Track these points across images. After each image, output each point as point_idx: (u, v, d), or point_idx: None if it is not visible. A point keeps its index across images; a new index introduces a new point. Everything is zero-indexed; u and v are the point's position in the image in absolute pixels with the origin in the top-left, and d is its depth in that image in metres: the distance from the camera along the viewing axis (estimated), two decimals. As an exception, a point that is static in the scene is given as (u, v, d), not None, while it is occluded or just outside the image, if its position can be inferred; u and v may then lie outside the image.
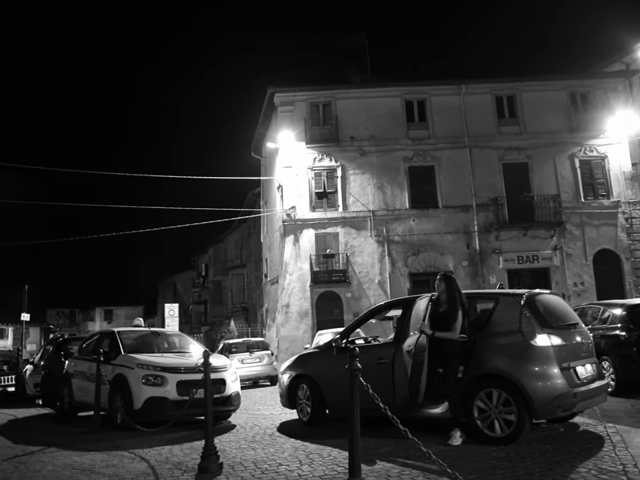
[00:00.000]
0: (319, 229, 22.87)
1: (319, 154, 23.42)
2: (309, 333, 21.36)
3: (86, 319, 57.68)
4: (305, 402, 7.53)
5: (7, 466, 5.43)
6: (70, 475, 5.06)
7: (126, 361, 7.92)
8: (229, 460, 5.50)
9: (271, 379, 16.76)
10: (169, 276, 54.79)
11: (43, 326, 41.74)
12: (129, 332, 9.43)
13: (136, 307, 56.59)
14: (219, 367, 7.92)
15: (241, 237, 37.95)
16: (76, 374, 9.19)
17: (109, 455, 5.92)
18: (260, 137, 27.87)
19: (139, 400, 7.35)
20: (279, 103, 24.06)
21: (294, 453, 5.80)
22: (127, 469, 5.29)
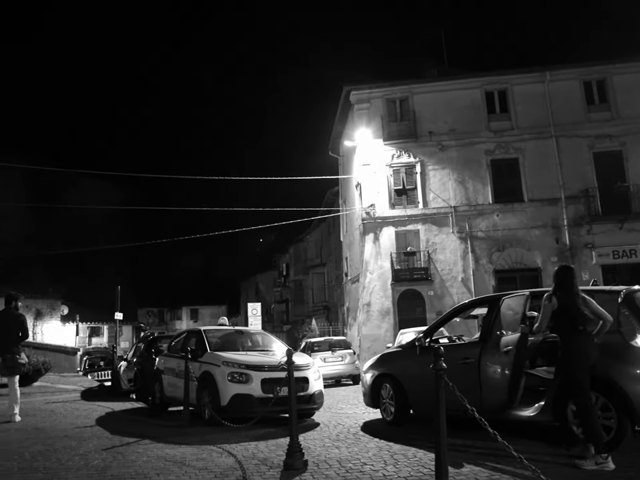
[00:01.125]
0: (399, 227, 22.59)
1: (397, 150, 23.15)
2: (390, 331, 21.16)
3: (173, 318, 60.25)
4: (388, 401, 7.44)
5: (107, 455, 5.73)
6: (163, 467, 5.24)
7: (212, 359, 8.14)
8: (313, 458, 5.52)
9: (353, 377, 16.74)
10: (251, 276, 56.14)
11: (134, 324, 44.18)
12: (215, 330, 9.69)
13: (220, 306, 58.41)
14: (302, 366, 7.98)
15: (320, 236, 38.25)
16: (166, 370, 9.55)
17: (199, 448, 6.10)
18: (337, 135, 27.95)
19: (225, 397, 7.53)
20: (354, 100, 24.01)
21: (378, 452, 5.72)
22: (215, 462, 5.42)
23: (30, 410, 9.49)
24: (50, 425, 7.89)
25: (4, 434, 7.04)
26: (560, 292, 5.09)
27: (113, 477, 4.84)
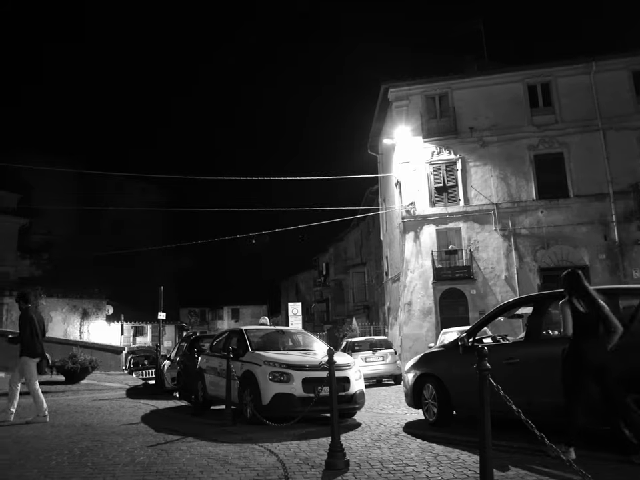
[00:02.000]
0: (440, 225, 22.30)
1: (437, 147, 22.86)
2: (432, 331, 20.91)
3: (215, 318, 61.11)
4: (430, 402, 7.33)
5: (152, 452, 5.83)
6: (206, 464, 5.30)
7: (253, 358, 8.19)
8: (355, 458, 5.48)
9: (394, 377, 16.61)
10: (291, 275, 56.46)
11: (177, 324, 45.03)
12: (256, 330, 9.74)
13: (260, 305, 58.93)
14: (343, 365, 7.95)
15: (360, 235, 38.14)
16: (208, 369, 9.65)
17: (241, 447, 6.14)
18: (376, 133, 27.80)
19: (266, 396, 7.57)
20: (393, 98, 23.82)
21: (421, 453, 5.64)
22: (257, 461, 5.44)
23: (78, 407, 9.77)
24: (97, 421, 8.11)
25: (55, 429, 7.27)
26: (574, 296, 5.20)
27: (158, 474, 4.92)
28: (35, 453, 5.70)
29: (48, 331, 8.69)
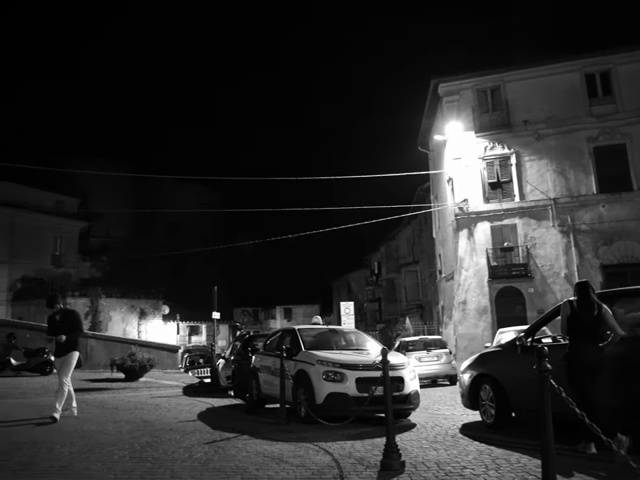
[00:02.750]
0: (495, 221, 21.75)
1: (489, 142, 22.31)
2: (488, 330, 20.42)
3: (268, 317, 61.81)
4: (488, 403, 7.14)
5: (208, 449, 5.94)
6: (262, 462, 5.34)
7: (307, 357, 8.20)
8: (410, 459, 5.40)
9: (450, 378, 16.32)
10: (342, 274, 56.48)
11: (230, 323, 45.85)
12: (309, 329, 9.75)
13: (313, 305, 59.21)
14: (397, 365, 7.85)
15: (412, 233, 37.72)
16: (262, 368, 9.72)
17: (296, 445, 6.17)
18: (426, 129, 27.41)
19: (320, 395, 7.57)
20: (443, 93, 23.42)
21: (479, 456, 5.50)
22: (312, 460, 5.45)
23: (138, 404, 10.08)
24: (156, 418, 8.33)
25: (116, 425, 7.53)
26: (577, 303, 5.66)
27: (215, 470, 5.00)
28: (99, 447, 5.92)
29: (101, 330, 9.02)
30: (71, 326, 8.15)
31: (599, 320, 5.45)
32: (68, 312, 8.47)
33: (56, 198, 40.83)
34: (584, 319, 5.51)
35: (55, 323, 8.19)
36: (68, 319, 8.22)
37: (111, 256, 44.55)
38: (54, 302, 8.30)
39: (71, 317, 8.33)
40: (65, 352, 8.05)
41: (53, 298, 8.45)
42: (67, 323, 8.16)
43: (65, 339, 7.93)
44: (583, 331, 5.50)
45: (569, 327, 5.66)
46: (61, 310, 8.31)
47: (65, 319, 8.20)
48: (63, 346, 8.02)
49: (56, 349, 8.19)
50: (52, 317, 8.29)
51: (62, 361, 8.08)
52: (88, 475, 4.76)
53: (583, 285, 5.81)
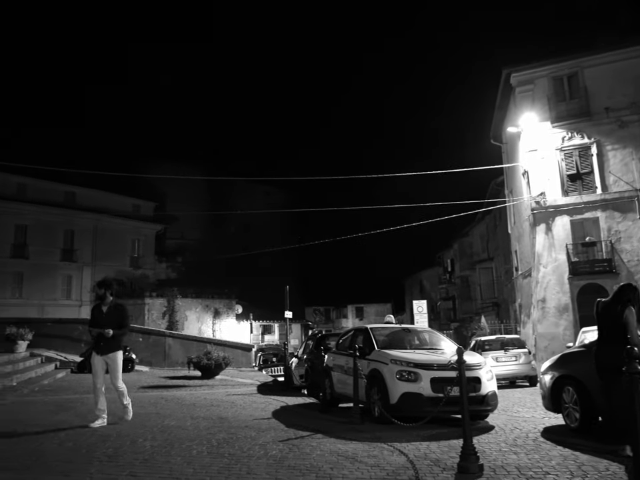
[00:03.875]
0: (574, 215, 20.70)
1: (567, 132, 21.26)
2: (570, 329, 19.46)
3: (339, 316, 61.98)
4: (571, 406, 6.78)
5: (283, 447, 6.00)
6: (336, 461, 5.33)
7: (380, 357, 8.12)
8: (489, 462, 5.22)
9: (529, 378, 15.69)
10: (414, 273, 55.77)
11: (302, 323, 46.35)
12: (381, 328, 9.66)
13: (385, 304, 58.84)
14: (473, 365, 7.63)
15: (486, 229, 36.65)
16: (335, 367, 9.72)
17: (370, 445, 6.11)
18: (498, 122, 26.52)
19: (394, 395, 7.47)
20: (516, 83, 22.55)
21: (562, 462, 5.22)
22: (387, 460, 5.38)
23: (214, 401, 10.35)
24: (232, 415, 8.52)
25: (194, 421, 7.76)
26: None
27: (290, 468, 5.04)
28: (178, 442, 6.12)
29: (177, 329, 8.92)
30: (118, 321, 7.26)
31: (620, 320, 5.43)
32: (117, 305, 7.44)
33: (133, 202, 42.89)
34: (605, 320, 5.64)
35: (100, 314, 7.26)
36: (116, 313, 7.31)
37: (185, 257, 46.26)
38: (105, 290, 7.35)
39: (120, 311, 7.39)
40: (110, 350, 7.18)
41: (105, 284, 7.48)
42: (114, 316, 7.26)
43: (112, 335, 7.07)
44: (606, 331, 5.62)
45: (598, 327, 5.79)
46: (111, 301, 7.37)
47: (113, 313, 7.29)
48: (108, 342, 7.14)
49: (97, 344, 7.21)
50: (97, 307, 7.39)
51: (106, 362, 7.20)
52: (169, 469, 4.92)
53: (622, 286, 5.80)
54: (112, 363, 7.20)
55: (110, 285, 7.47)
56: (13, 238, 35.69)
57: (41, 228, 36.31)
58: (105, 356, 7.17)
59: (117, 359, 7.25)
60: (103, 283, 7.47)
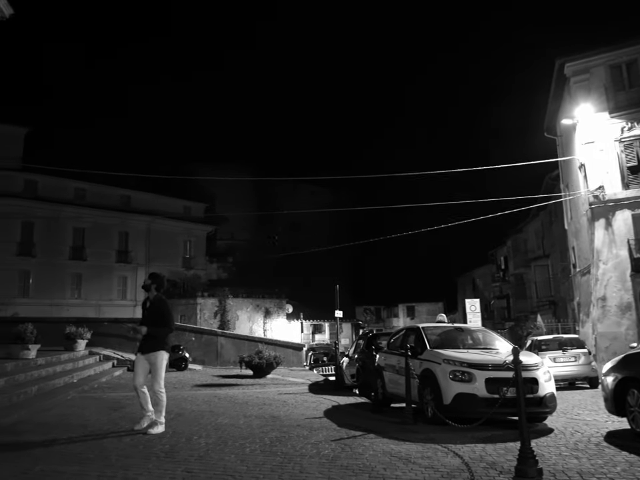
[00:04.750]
0: (637, 209, 19.75)
1: (627, 122, 20.30)
2: (633, 329, 18.59)
3: (390, 315, 61.49)
4: (637, 410, 6.46)
5: (335, 446, 5.99)
6: (389, 461, 5.29)
7: (432, 356, 8.01)
8: (548, 466, 5.04)
9: (589, 380, 15.08)
10: (467, 271, 54.75)
11: (353, 322, 46.21)
12: (433, 327, 9.56)
13: (436, 303, 58.02)
14: (529, 365, 7.41)
15: (541, 226, 35.52)
16: (386, 367, 9.66)
17: (423, 446, 6.02)
18: (552, 114, 25.63)
19: (447, 395, 7.34)
20: (570, 73, 21.71)
21: (629, 468, 4.98)
22: (441, 462, 5.29)
23: (266, 400, 10.44)
24: (284, 414, 8.56)
25: (247, 419, 7.84)
26: None
27: (343, 467, 5.02)
28: (231, 440, 6.20)
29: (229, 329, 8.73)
30: (157, 318, 6.65)
31: None
32: (158, 301, 6.77)
33: (184, 204, 43.96)
34: None
35: (143, 310, 6.84)
36: (156, 309, 6.70)
37: (236, 257, 47.03)
38: (152, 282, 6.83)
39: (160, 307, 6.72)
40: (150, 349, 6.59)
41: (154, 276, 6.95)
42: (154, 313, 6.69)
43: (146, 333, 6.53)
44: None
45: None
46: (154, 296, 6.79)
47: (154, 309, 6.71)
48: (148, 341, 6.59)
49: (140, 342, 6.74)
50: (144, 302, 6.92)
51: (146, 361, 6.63)
52: (223, 466, 4.99)
53: None
54: (152, 363, 6.59)
55: (158, 278, 6.85)
56: (71, 241, 37.27)
57: (98, 231, 37.77)
58: (145, 355, 6.61)
59: (158, 360, 6.57)
60: (153, 275, 6.93)
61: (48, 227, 35.92)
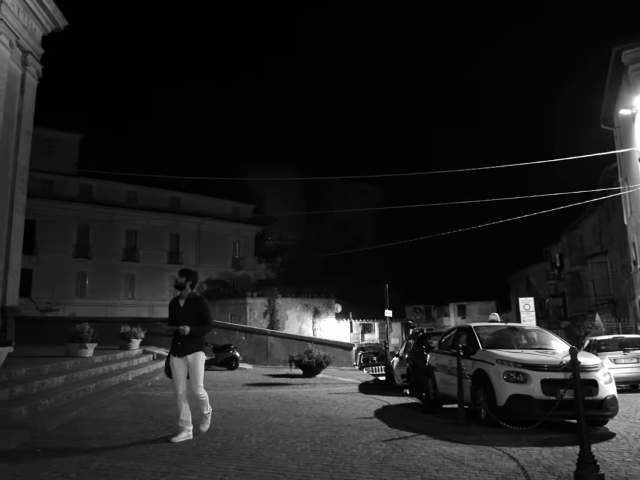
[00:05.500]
0: (702, 202, 18.74)
1: (691, 111, 19.29)
2: (699, 328, 17.64)
3: (441, 315, 60.61)
4: None
5: (386, 447, 5.92)
6: (441, 463, 5.20)
7: (485, 356, 7.84)
8: (610, 473, 4.83)
9: (654, 383, 14.38)
10: (520, 269, 53.35)
11: (402, 321, 45.76)
12: (486, 327, 9.35)
13: (488, 302, 56.82)
14: (588, 367, 7.12)
15: (598, 221, 34.18)
16: (437, 367, 9.52)
17: (477, 449, 5.89)
18: (609, 104, 24.62)
19: (501, 397, 7.15)
20: (628, 61, 20.78)
21: (700, 475, 4.70)
22: (495, 465, 5.16)
23: (316, 399, 10.46)
24: (334, 413, 8.54)
25: (297, 418, 7.86)
26: None
27: (394, 468, 4.97)
28: (282, 439, 6.24)
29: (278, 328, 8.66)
30: (197, 316, 6.21)
31: None
32: (196, 298, 6.37)
33: (233, 205, 44.67)
34: None
35: (176, 309, 6.29)
36: (195, 307, 6.25)
37: (284, 257, 47.42)
38: (186, 279, 6.34)
39: (200, 304, 6.30)
40: (189, 351, 6.14)
41: (187, 272, 6.47)
42: (193, 311, 6.22)
43: (190, 332, 6.05)
44: None
45: None
46: (189, 294, 6.34)
47: (192, 306, 6.25)
48: (187, 342, 6.14)
49: (175, 344, 6.23)
50: (174, 301, 6.41)
51: (184, 364, 6.18)
52: (274, 465, 5.01)
53: None
54: (192, 366, 6.14)
55: (191, 274, 6.42)
56: (124, 243, 38.55)
57: (150, 233, 38.91)
58: (183, 358, 6.15)
59: (198, 362, 6.18)
60: (185, 271, 6.46)
61: (102, 230, 37.35)
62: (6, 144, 14.35)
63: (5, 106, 14.12)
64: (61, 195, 35.98)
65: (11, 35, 14.08)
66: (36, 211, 30.18)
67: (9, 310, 14.43)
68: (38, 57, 15.80)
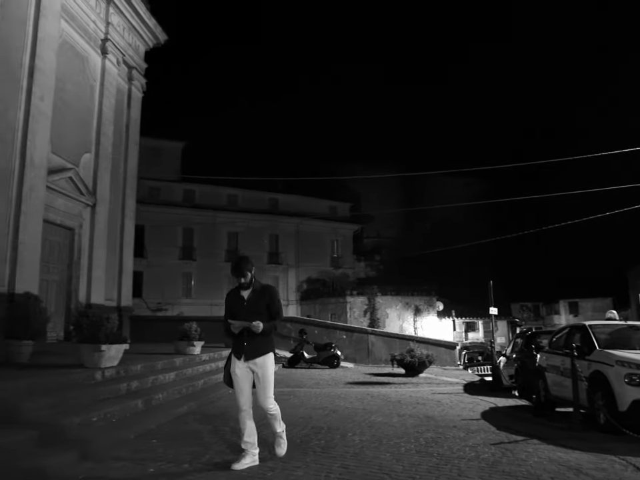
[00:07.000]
0: None
1: None
2: None
3: (550, 312, 57.36)
4: None
5: (495, 450, 5.68)
6: (557, 470, 4.91)
7: (602, 357, 7.28)
8: None
9: None
10: (639, 264, 49.26)
11: (508, 319, 43.89)
12: (602, 325, 8.69)
13: (603, 299, 52.97)
14: None
15: None
16: (549, 368, 9.04)
17: (596, 457, 5.48)
18: None
19: (623, 401, 6.59)
20: None
21: None
22: (619, 476, 4.78)
23: (419, 399, 10.26)
24: (438, 414, 8.33)
25: (401, 418, 7.75)
26: None
27: (504, 474, 4.76)
28: (386, 438, 6.17)
29: (379, 327, 8.43)
30: (268, 309, 4.91)
31: None
32: (265, 287, 5.03)
33: (329, 204, 45.13)
34: None
35: (238, 302, 4.94)
36: (264, 298, 4.93)
37: (383, 255, 47.17)
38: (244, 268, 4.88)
39: (270, 294, 4.99)
40: (259, 352, 4.85)
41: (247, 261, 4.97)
42: (261, 303, 4.90)
43: (262, 330, 4.74)
44: None
45: None
46: (254, 283, 4.96)
47: (259, 298, 4.91)
48: (257, 341, 4.83)
49: (239, 344, 4.89)
50: (234, 292, 5.06)
51: (249, 370, 4.86)
52: (378, 464, 4.97)
53: None
54: (261, 371, 4.83)
55: (250, 261, 5.00)
56: (226, 244, 40.23)
57: (250, 234, 40.32)
58: (251, 362, 4.83)
59: (268, 367, 4.88)
60: (244, 258, 5.03)
61: (205, 232, 39.26)
62: (117, 154, 15.55)
63: (115, 119, 15.30)
64: (166, 200, 38.33)
65: (118, 53, 15.23)
66: (145, 216, 32.30)
67: (123, 310, 15.61)
68: (142, 72, 16.95)
